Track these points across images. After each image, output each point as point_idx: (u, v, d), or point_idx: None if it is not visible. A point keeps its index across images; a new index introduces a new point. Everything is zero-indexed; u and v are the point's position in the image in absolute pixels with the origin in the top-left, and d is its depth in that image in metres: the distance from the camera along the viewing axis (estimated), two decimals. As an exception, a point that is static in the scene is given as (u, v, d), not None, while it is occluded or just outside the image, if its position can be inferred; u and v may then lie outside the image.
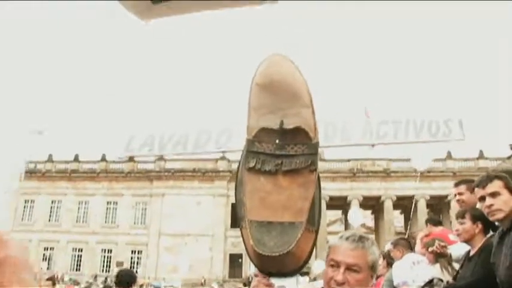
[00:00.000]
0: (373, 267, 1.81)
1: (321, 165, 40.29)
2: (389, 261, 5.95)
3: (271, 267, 1.77)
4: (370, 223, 51.09)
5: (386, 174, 43.08)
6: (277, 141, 1.94)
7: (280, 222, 1.79)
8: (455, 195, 4.21)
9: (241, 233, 1.85)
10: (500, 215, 2.75)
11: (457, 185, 4.25)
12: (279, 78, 1.99)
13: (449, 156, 42.91)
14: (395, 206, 43.13)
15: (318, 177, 1.98)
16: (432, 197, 41.71)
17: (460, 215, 3.47)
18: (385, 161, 43.27)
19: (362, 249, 1.79)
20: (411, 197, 38.95)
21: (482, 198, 2.85)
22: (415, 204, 40.11)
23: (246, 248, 1.83)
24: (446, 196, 39.98)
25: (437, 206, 43.07)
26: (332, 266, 1.80)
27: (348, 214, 20.82)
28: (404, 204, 42.28)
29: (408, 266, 4.82)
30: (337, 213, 52.00)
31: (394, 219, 43.24)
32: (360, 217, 19.70)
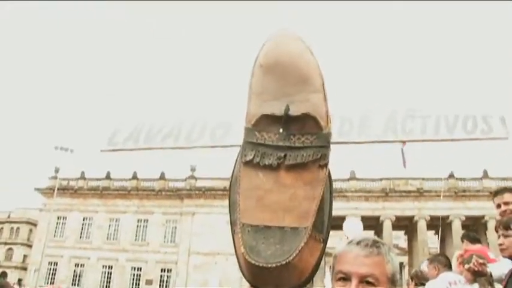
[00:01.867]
0: (393, 280, 1.44)
1: (353, 184, 39.83)
2: (420, 283, 5.50)
3: (266, 282, 1.42)
4: (404, 244, 49.84)
5: (419, 194, 41.99)
6: (280, 130, 1.62)
7: (280, 227, 1.46)
8: (498, 205, 3.75)
9: (233, 240, 1.52)
10: None
11: (499, 193, 3.81)
12: (286, 60, 1.66)
13: (485, 175, 41.62)
14: (429, 226, 41.92)
15: (329, 175, 1.64)
16: (468, 218, 40.38)
17: (505, 226, 3.04)
18: (418, 180, 42.26)
19: (378, 256, 1.42)
20: (446, 218, 37.91)
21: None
22: (450, 225, 39.16)
23: (237, 258, 1.50)
24: (482, 217, 38.70)
25: (473, 227, 41.66)
26: (341, 279, 1.43)
27: (344, 225, 18.83)
28: (438, 224, 41.11)
29: (444, 286, 4.40)
30: (370, 234, 50.92)
31: (428, 239, 41.96)
32: (360, 226, 17.86)
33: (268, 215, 1.49)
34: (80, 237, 48.00)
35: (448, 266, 4.96)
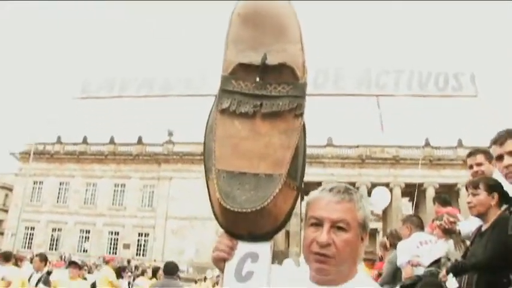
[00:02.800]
0: (363, 226, 1.48)
1: (330, 151, 40.21)
2: (394, 242, 5.64)
3: (241, 227, 1.44)
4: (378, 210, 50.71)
5: (395, 161, 42.65)
6: (257, 79, 1.62)
7: (255, 174, 1.47)
8: (470, 166, 3.81)
9: (207, 186, 1.53)
10: None
11: (472, 154, 3.87)
12: (264, 9, 1.65)
13: (460, 144, 42.38)
14: (404, 193, 42.72)
15: (304, 127, 1.64)
16: (441, 185, 41.24)
17: (474, 185, 3.10)
18: (394, 147, 42.87)
19: (349, 202, 1.46)
20: (420, 185, 38.65)
21: (499, 158, 2.50)
22: (424, 192, 39.96)
23: (212, 205, 1.51)
24: (455, 185, 39.58)
25: (446, 194, 42.64)
26: (313, 225, 1.47)
27: (372, 193, 18.40)
28: (413, 191, 41.90)
29: (414, 245, 4.52)
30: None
31: (403, 206, 42.82)
32: (388, 197, 17.24)
33: (243, 162, 1.49)
34: (57, 202, 47.85)
35: (421, 227, 5.09)
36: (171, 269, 7.87)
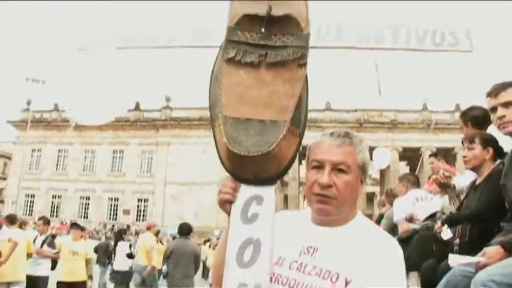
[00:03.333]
0: (363, 168, 1.56)
1: (328, 115, 40.18)
2: (390, 201, 5.76)
3: (247, 171, 1.52)
4: (376, 174, 51.11)
5: (393, 125, 42.75)
6: (262, 30, 1.67)
7: (261, 120, 1.54)
8: (493, 108, 3.70)
9: (214, 134, 1.60)
10: None
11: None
12: None
13: (457, 108, 42.39)
14: (401, 157, 42.95)
15: (307, 78, 1.71)
16: (439, 150, 41.41)
17: (469, 140, 3.19)
18: (392, 111, 42.90)
19: (349, 146, 1.54)
20: (418, 149, 38.89)
21: (493, 109, 2.57)
22: (421, 156, 40.13)
23: (218, 151, 1.58)
24: (453, 149, 39.74)
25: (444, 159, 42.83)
26: (314, 167, 1.55)
27: (374, 153, 18.41)
28: (410, 156, 42.12)
29: (411, 202, 4.63)
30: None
31: (400, 170, 43.15)
32: (389, 158, 17.14)
33: (249, 108, 1.56)
34: (56, 170, 48.08)
35: (416, 184, 5.20)
36: (185, 230, 8.71)
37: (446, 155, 40.88)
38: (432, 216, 4.18)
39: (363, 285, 1.39)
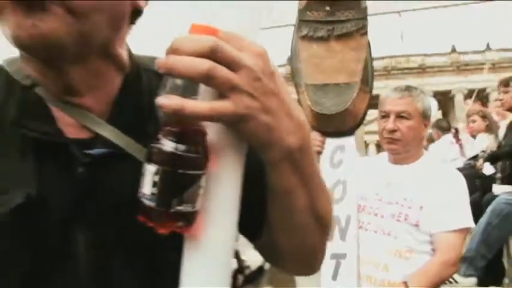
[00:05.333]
0: (424, 114, 1.92)
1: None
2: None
3: (330, 126, 1.89)
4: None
5: (422, 70, 42.08)
6: (327, 8, 1.99)
7: (336, 84, 1.88)
8: None
9: (299, 99, 1.95)
10: None
11: None
12: None
13: (488, 47, 41.33)
14: (433, 101, 42.42)
15: (369, 43, 2.04)
16: (470, 91, 40.69)
17: (505, 84, 3.46)
18: (420, 56, 42.14)
19: (409, 97, 1.91)
20: (448, 92, 38.32)
21: None
22: (453, 99, 39.53)
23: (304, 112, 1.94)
24: (484, 89, 38.95)
25: (476, 100, 42.13)
26: (383, 117, 1.92)
27: None
28: (440, 99, 41.55)
29: (445, 145, 4.92)
30: (374, 113, 51.63)
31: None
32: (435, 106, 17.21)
33: (325, 76, 1.91)
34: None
35: (448, 130, 5.49)
36: None
37: (478, 96, 40.33)
38: (475, 157, 4.45)
39: (433, 210, 1.77)
